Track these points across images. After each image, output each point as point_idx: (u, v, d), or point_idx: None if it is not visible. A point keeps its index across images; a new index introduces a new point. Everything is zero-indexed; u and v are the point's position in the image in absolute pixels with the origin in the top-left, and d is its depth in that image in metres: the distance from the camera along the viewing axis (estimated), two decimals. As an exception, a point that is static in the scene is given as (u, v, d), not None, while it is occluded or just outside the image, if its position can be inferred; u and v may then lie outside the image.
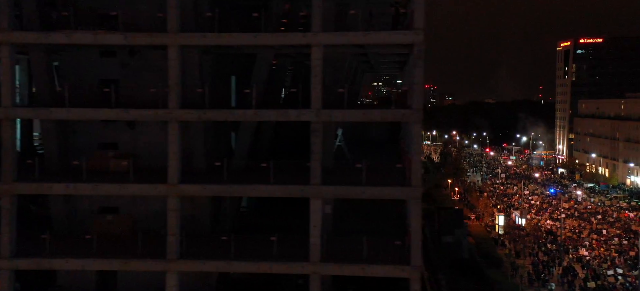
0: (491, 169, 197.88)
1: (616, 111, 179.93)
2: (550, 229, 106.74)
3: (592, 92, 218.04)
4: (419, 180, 31.44)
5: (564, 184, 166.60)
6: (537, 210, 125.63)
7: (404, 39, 31.48)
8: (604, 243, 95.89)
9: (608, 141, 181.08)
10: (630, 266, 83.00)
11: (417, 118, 31.33)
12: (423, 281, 31.30)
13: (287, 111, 32.52)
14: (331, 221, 36.17)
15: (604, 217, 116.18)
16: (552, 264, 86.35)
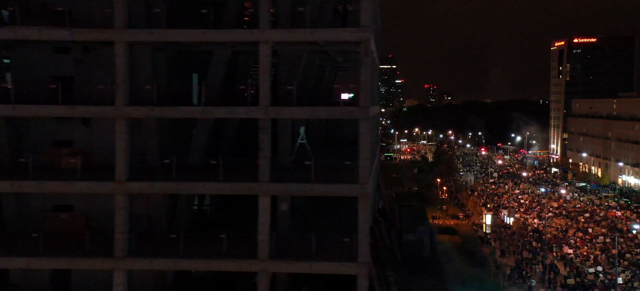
0: (484, 169, 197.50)
1: (609, 111, 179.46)
2: (536, 227, 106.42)
3: (586, 92, 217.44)
4: (367, 177, 31.11)
5: (556, 183, 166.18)
6: (526, 209, 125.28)
7: (351, 36, 31.20)
8: (589, 241, 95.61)
9: (600, 140, 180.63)
10: (612, 263, 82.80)
11: (364, 115, 31.03)
12: (371, 278, 30.94)
13: (236, 108, 32.21)
14: (288, 219, 35.86)
15: (592, 216, 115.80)
16: (535, 262, 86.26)
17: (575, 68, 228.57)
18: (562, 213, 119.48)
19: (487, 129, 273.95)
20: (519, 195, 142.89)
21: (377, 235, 35.79)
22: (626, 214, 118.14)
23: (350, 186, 31.30)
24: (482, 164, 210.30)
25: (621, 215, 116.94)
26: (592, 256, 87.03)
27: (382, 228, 37.15)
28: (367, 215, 30.93)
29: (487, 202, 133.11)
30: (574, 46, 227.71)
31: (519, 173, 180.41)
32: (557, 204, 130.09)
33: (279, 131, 36.66)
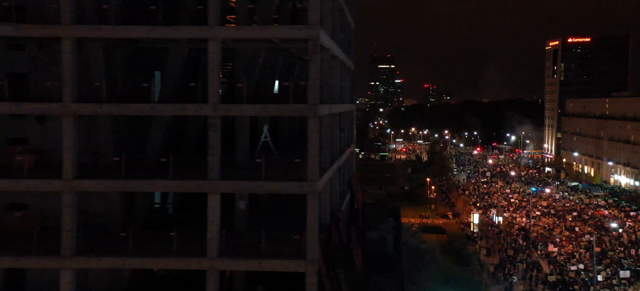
0: (478, 168, 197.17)
1: (601, 111, 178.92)
2: (523, 226, 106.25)
3: (581, 92, 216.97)
4: (316, 175, 30.72)
5: (547, 182, 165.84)
6: (516, 208, 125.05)
7: (299, 34, 30.83)
8: (575, 239, 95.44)
9: (593, 140, 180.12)
10: (596, 261, 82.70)
11: (313, 113, 30.63)
12: (320, 275, 30.60)
13: (185, 105, 31.78)
14: (246, 217, 35.47)
15: (580, 215, 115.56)
16: (518, 260, 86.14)
17: (570, 68, 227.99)
18: (550, 212, 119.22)
19: (483, 128, 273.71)
20: (509, 194, 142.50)
21: (334, 233, 35.40)
22: (613, 213, 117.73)
23: (300, 184, 30.89)
24: (475, 164, 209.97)
25: (608, 214, 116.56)
26: (576, 254, 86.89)
27: (341, 226, 36.74)
28: (315, 213, 30.52)
29: (477, 201, 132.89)
30: (569, 46, 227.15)
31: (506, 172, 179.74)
32: (546, 203, 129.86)
33: (237, 129, 36.28)
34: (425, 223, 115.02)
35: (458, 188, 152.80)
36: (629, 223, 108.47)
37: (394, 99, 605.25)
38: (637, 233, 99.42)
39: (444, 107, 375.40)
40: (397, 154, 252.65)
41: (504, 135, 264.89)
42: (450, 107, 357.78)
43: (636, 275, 75.78)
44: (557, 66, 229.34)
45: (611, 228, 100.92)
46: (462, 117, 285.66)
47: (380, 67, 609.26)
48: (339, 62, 42.22)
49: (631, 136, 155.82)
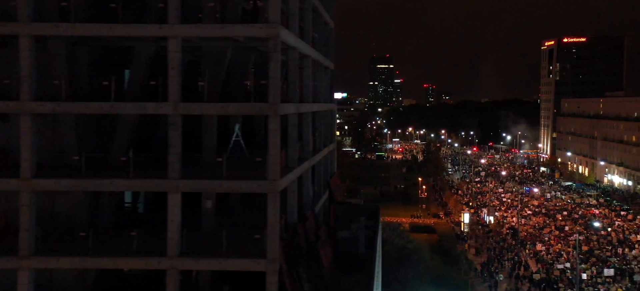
0: (472, 168, 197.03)
1: (595, 110, 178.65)
2: (513, 225, 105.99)
3: (576, 91, 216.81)
4: (277, 174, 30.29)
5: (541, 182, 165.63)
6: (508, 207, 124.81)
7: (259, 32, 30.36)
8: (563, 238, 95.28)
9: (587, 139, 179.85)
10: (581, 260, 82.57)
11: (274, 112, 30.22)
12: (281, 275, 30.23)
13: (145, 104, 31.35)
14: (213, 216, 35.05)
15: (570, 214, 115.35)
16: (505, 258, 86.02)
17: (565, 68, 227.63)
18: (541, 212, 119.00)
19: (479, 128, 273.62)
20: (502, 194, 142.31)
21: (300, 232, 35.02)
22: (604, 212, 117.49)
23: (260, 183, 30.49)
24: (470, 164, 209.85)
25: (599, 213, 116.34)
26: (564, 253, 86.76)
27: (309, 225, 36.36)
28: (276, 212, 30.12)
29: (469, 201, 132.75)
30: (564, 46, 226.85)
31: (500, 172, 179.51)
32: (537, 202, 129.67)
33: (203, 127, 35.91)
34: (416, 222, 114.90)
35: (451, 188, 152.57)
36: (618, 222, 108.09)
37: (393, 99, 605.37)
38: (626, 232, 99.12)
39: (441, 107, 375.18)
40: (393, 154, 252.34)
41: (500, 135, 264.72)
42: (447, 107, 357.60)
43: (621, 273, 75.61)
44: (552, 66, 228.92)
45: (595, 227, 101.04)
46: (459, 117, 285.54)
47: (379, 67, 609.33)
48: (311, 61, 41.77)
49: (624, 136, 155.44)
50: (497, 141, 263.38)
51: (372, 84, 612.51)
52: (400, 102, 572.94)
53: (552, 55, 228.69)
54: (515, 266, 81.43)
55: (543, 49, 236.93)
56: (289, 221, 35.66)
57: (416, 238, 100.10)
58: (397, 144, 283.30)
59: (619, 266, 78.76)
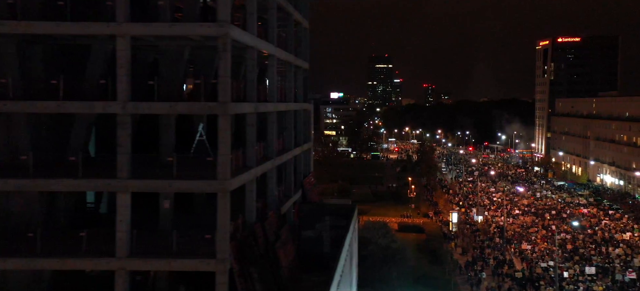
0: (466, 167, 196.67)
1: (588, 110, 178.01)
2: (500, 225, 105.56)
3: (570, 91, 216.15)
4: (227, 173, 29.98)
5: (532, 181, 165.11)
6: (498, 207, 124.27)
7: (208, 31, 30.14)
8: (550, 237, 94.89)
9: (581, 139, 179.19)
10: (565, 258, 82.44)
11: (224, 111, 29.91)
12: (232, 275, 29.89)
13: (93, 103, 31.08)
14: (170, 216, 34.72)
15: (559, 213, 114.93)
16: (489, 257, 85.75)
17: (560, 67, 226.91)
18: (530, 211, 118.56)
19: (475, 128, 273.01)
20: (493, 193, 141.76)
21: (258, 232, 34.63)
22: (592, 211, 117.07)
23: (210, 183, 30.20)
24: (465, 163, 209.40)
25: (587, 213, 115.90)
26: (548, 251, 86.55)
27: (269, 225, 35.96)
28: (226, 211, 29.81)
29: (460, 200, 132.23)
30: (558, 46, 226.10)
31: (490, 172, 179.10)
32: (527, 201, 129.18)
33: (160, 127, 35.55)
34: (405, 222, 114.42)
35: (443, 187, 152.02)
36: (605, 221, 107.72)
37: (392, 99, 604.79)
38: (612, 232, 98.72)
39: (438, 106, 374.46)
40: (389, 153, 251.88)
41: (496, 134, 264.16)
42: (444, 107, 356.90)
43: (603, 272, 75.51)
44: (547, 66, 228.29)
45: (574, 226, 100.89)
46: (455, 117, 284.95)
47: (378, 67, 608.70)
48: (275, 60, 41.40)
49: (616, 136, 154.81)
50: (493, 140, 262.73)
51: (371, 84, 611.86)
52: (400, 102, 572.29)
53: (546, 55, 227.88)
54: (500, 264, 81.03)
55: (538, 49, 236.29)
56: (247, 220, 35.31)
57: (405, 237, 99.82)
58: (393, 144, 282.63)
59: (601, 265, 78.41)
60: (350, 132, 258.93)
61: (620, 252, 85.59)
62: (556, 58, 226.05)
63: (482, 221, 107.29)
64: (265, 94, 40.78)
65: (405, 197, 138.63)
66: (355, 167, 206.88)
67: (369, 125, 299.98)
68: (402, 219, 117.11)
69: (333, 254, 40.50)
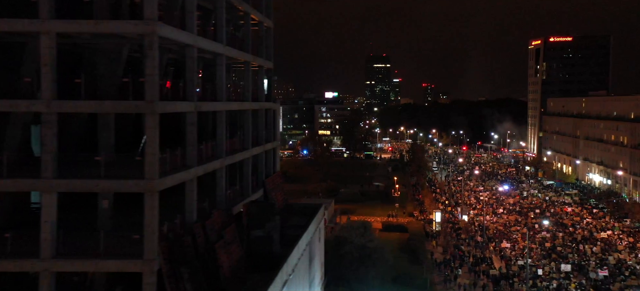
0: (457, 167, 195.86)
1: (578, 110, 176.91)
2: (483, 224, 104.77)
3: (562, 91, 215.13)
4: (155, 173, 29.21)
5: (521, 181, 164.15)
6: (483, 206, 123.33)
7: (134, 29, 29.42)
8: (531, 236, 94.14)
9: (571, 138, 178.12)
10: (543, 256, 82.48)
11: (151, 110, 29.12)
12: (160, 275, 29.10)
13: (17, 101, 30.34)
14: (109, 216, 33.91)
15: (542, 212, 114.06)
16: (467, 254, 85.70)
17: (552, 67, 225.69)
18: (515, 209, 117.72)
19: (469, 127, 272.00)
20: (480, 193, 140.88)
21: (197, 231, 33.81)
22: (576, 210, 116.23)
23: (137, 182, 29.39)
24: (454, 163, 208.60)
25: (571, 211, 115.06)
26: (526, 249, 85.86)
27: (212, 224, 35.15)
28: (154, 211, 29.03)
29: (446, 200, 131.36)
30: (550, 45, 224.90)
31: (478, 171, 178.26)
32: (513, 200, 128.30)
33: (99, 126, 34.74)
34: (389, 221, 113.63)
35: (431, 186, 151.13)
36: (587, 219, 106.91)
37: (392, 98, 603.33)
38: (593, 230, 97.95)
39: (433, 106, 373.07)
40: (383, 153, 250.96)
41: (490, 134, 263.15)
42: (439, 106, 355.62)
43: (578, 269, 75.26)
44: (539, 65, 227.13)
45: (571, 225, 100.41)
46: (450, 116, 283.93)
47: (375, 66, 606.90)
48: (224, 59, 40.57)
49: (604, 135, 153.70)
50: (487, 140, 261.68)
51: (369, 84, 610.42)
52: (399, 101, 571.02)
53: (539, 54, 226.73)
54: (478, 262, 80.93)
55: (530, 49, 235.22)
56: (187, 220, 34.53)
57: (388, 237, 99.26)
58: (387, 143, 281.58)
59: (577, 262, 78.11)
60: (344, 132, 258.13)
61: (597, 250, 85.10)
62: (548, 58, 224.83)
63: (465, 220, 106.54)
64: (213, 93, 40.00)
65: (394, 196, 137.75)
66: (348, 166, 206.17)
67: (365, 124, 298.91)
68: (387, 219, 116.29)
69: (285, 253, 39.75)
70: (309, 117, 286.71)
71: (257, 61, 50.18)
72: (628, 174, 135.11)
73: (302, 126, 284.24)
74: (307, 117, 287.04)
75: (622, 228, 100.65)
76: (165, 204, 39.40)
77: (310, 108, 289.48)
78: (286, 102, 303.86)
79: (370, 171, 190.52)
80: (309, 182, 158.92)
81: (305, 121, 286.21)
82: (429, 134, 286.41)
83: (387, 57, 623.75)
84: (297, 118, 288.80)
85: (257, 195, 49.98)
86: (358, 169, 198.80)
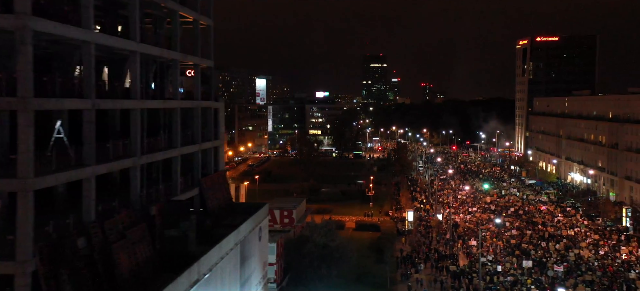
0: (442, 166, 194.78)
1: (562, 109, 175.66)
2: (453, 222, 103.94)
3: (549, 90, 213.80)
4: (29, 172, 28.18)
5: (503, 179, 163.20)
6: (460, 204, 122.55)
7: (4, 23, 28.29)
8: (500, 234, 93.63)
9: (554, 138, 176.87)
10: (508, 252, 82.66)
11: (24, 107, 28.14)
12: (36, 277, 28.08)
13: None
14: (3, 217, 32.89)
15: (517, 211, 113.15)
16: (432, 252, 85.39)
17: (538, 67, 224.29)
18: (489, 208, 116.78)
19: (460, 127, 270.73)
20: (458, 192, 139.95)
21: (93, 232, 32.74)
22: (550, 209, 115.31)
23: (10, 181, 28.38)
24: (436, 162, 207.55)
25: (545, 210, 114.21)
26: (491, 247, 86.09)
27: (113, 225, 34.04)
28: (27, 211, 28.02)
29: (424, 199, 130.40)
30: (537, 45, 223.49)
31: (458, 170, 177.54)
32: (490, 199, 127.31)
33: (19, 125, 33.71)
34: (363, 220, 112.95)
35: (411, 186, 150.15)
36: (557, 218, 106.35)
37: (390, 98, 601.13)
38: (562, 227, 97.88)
39: (425, 105, 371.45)
40: (373, 152, 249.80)
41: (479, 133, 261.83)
42: (431, 106, 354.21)
43: (539, 265, 75.08)
44: (526, 65, 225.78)
45: (541, 223, 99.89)
46: (441, 116, 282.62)
47: (372, 66, 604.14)
48: (138, 56, 39.55)
49: (584, 134, 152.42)
50: (477, 139, 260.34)
51: (366, 83, 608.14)
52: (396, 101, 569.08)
53: (526, 54, 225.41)
54: (441, 259, 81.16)
55: (517, 48, 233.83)
56: (85, 220, 33.52)
57: (360, 235, 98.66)
58: (377, 143, 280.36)
59: (538, 259, 77.97)
60: (335, 132, 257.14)
61: (560, 247, 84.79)
62: (535, 57, 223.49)
63: (437, 219, 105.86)
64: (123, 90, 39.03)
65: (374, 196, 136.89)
66: (335, 166, 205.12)
67: (358, 124, 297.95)
68: (362, 218, 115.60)
69: (201, 253, 38.69)
70: (299, 116, 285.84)
71: (189, 60, 49.20)
72: (606, 173, 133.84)
73: (293, 125, 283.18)
74: (298, 116, 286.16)
75: (590, 226, 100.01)
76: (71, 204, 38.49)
77: (301, 108, 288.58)
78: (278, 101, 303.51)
79: (357, 170, 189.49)
80: (293, 181, 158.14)
81: (296, 121, 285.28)
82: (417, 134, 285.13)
83: (384, 57, 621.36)
84: (288, 118, 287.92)
85: (190, 194, 48.99)
86: (344, 168, 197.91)
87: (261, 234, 54.77)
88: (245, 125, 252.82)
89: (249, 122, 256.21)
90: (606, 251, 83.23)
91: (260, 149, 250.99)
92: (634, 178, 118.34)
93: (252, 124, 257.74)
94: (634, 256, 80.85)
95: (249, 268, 50.08)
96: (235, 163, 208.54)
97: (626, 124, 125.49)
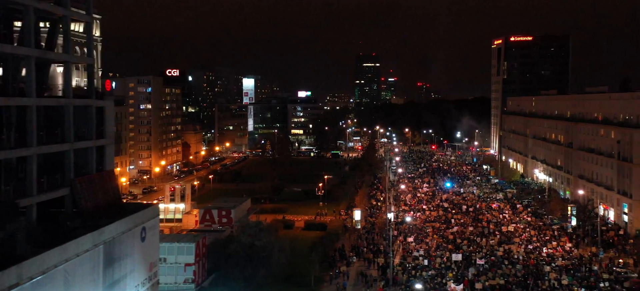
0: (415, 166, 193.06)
1: (529, 109, 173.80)
2: (402, 219, 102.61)
3: (523, 90, 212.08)
4: None
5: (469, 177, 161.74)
6: (417, 202, 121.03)
7: None
8: (444, 230, 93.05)
9: (522, 137, 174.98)
10: (444, 248, 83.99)
11: None
12: None
13: None
14: None
15: (467, 209, 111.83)
16: (364, 248, 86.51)
17: (513, 66, 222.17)
18: (443, 206, 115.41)
19: (441, 126, 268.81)
20: (419, 190, 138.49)
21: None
22: (501, 206, 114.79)
23: None
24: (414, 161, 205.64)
25: (496, 207, 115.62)
26: (430, 243, 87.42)
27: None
28: None
29: (382, 198, 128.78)
30: (511, 44, 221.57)
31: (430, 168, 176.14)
32: (446, 196, 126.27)
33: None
34: (311, 220, 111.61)
35: (373, 185, 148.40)
36: (506, 215, 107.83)
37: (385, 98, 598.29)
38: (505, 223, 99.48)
39: (409, 105, 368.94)
40: (352, 152, 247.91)
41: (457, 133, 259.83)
42: (413, 106, 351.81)
43: (466, 259, 76.77)
44: (501, 65, 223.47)
45: (486, 220, 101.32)
46: (423, 115, 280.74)
47: (365, 66, 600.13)
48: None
49: (547, 134, 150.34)
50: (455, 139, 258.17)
51: (358, 83, 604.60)
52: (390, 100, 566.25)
53: (500, 53, 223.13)
54: (375, 254, 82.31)
55: (493, 48, 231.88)
56: None
57: (307, 235, 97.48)
58: (358, 142, 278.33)
59: (467, 253, 79.60)
60: (316, 131, 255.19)
61: (494, 242, 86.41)
62: (509, 57, 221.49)
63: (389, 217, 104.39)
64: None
65: (333, 195, 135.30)
66: (309, 165, 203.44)
67: (344, 124, 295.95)
68: (313, 218, 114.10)
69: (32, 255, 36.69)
70: (281, 116, 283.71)
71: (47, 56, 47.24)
72: (563, 172, 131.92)
73: (276, 125, 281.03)
74: (280, 116, 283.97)
75: (533, 222, 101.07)
76: None
77: (283, 107, 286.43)
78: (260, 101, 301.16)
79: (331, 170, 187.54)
80: (261, 181, 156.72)
81: (278, 120, 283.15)
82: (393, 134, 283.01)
83: (377, 57, 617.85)
84: (269, 117, 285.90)
85: (55, 194, 46.78)
86: (318, 168, 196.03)
87: (145, 235, 52.75)
88: (225, 125, 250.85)
89: (229, 122, 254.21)
90: (535, 246, 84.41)
91: (241, 148, 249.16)
92: (586, 176, 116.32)
93: (233, 124, 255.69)
94: (559, 251, 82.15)
95: (119, 269, 48.07)
96: (209, 163, 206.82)
97: (580, 123, 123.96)
